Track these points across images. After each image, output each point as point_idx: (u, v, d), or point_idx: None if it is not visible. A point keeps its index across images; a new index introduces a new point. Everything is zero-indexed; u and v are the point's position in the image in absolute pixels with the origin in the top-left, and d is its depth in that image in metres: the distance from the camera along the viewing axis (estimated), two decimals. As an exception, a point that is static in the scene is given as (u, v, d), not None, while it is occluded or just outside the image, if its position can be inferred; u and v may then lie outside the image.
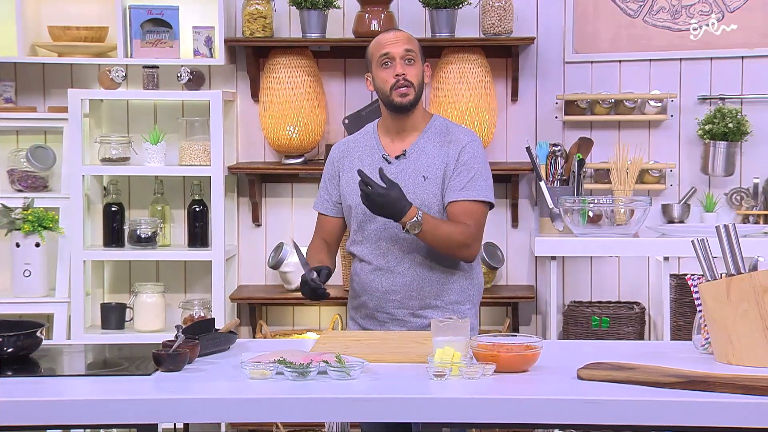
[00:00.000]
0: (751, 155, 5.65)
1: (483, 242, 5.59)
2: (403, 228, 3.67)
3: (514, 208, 5.67)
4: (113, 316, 5.53)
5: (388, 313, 3.82)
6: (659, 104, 5.64)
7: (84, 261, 5.46)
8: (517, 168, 5.56)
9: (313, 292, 3.66)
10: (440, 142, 3.83)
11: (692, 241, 3.37)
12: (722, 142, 5.51)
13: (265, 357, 3.22)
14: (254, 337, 5.52)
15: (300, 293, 3.84)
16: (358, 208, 3.81)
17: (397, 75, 3.76)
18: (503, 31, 5.50)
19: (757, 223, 5.55)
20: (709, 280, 3.31)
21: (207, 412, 2.99)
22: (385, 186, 3.62)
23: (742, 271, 3.27)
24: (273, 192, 5.78)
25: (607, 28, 5.66)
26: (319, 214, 3.99)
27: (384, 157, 3.83)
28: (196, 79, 5.49)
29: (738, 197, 5.64)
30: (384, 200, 3.62)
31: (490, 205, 3.86)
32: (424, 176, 3.78)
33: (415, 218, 3.64)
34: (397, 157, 3.82)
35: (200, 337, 3.40)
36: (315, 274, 3.66)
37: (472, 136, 3.88)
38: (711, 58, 5.65)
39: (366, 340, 3.61)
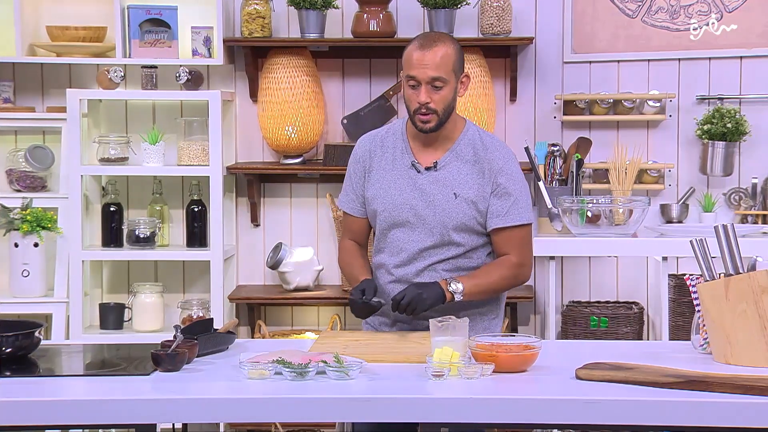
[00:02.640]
0: (749, 155, 5.65)
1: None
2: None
3: (513, 208, 5.66)
4: (112, 316, 5.53)
5: (407, 323, 3.75)
6: (658, 104, 5.64)
7: (82, 261, 5.46)
8: (516, 168, 5.55)
9: (368, 312, 3.63)
10: (474, 158, 3.73)
11: (691, 241, 3.37)
12: (721, 142, 5.51)
13: (263, 357, 3.22)
14: (253, 337, 5.52)
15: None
16: (383, 214, 3.75)
17: (419, 102, 3.64)
18: (502, 31, 5.51)
19: (755, 223, 5.55)
20: (707, 280, 3.31)
21: (205, 412, 2.99)
22: (406, 293, 3.55)
23: (741, 271, 3.27)
24: (271, 192, 5.78)
25: (605, 28, 5.66)
26: (345, 213, 3.91)
27: (414, 165, 3.74)
28: (195, 79, 5.49)
29: (736, 197, 5.64)
30: (417, 298, 3.55)
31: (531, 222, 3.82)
32: (455, 193, 3.70)
33: (452, 295, 3.60)
34: (427, 168, 3.73)
35: (199, 337, 3.40)
36: (361, 294, 3.61)
37: (508, 154, 3.76)
38: (709, 58, 5.65)
39: (364, 340, 3.61)
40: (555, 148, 5.50)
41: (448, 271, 3.73)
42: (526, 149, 5.38)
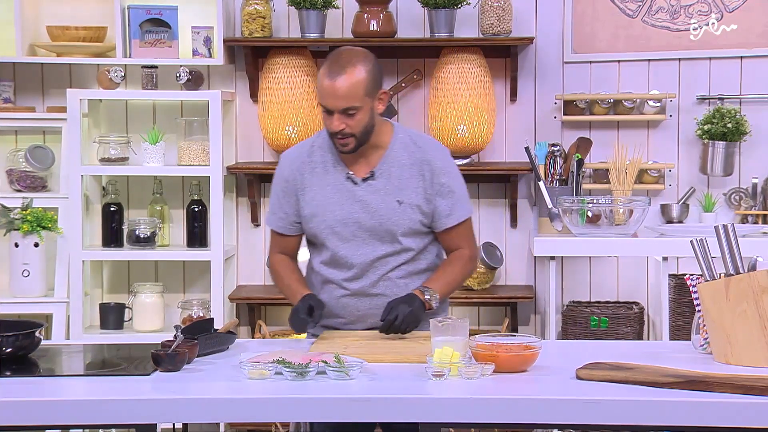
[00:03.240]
0: (749, 155, 5.65)
1: (482, 242, 5.63)
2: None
3: (513, 208, 5.67)
4: (112, 316, 5.53)
5: (362, 327, 3.74)
6: (658, 104, 5.64)
7: (83, 261, 5.46)
8: (516, 168, 5.55)
9: (303, 327, 3.62)
10: (410, 161, 3.69)
11: (691, 241, 3.37)
12: (721, 142, 5.51)
13: (263, 357, 3.23)
14: (253, 337, 5.52)
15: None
16: (326, 231, 3.69)
17: (333, 130, 3.57)
18: (502, 31, 5.50)
19: (755, 223, 5.55)
20: (707, 280, 3.31)
21: (206, 412, 3.00)
22: (398, 313, 3.55)
23: (741, 271, 3.27)
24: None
25: (605, 28, 5.66)
26: (274, 231, 3.83)
27: (350, 177, 3.69)
28: (195, 79, 5.49)
29: (737, 197, 5.64)
30: (411, 316, 3.56)
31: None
32: (398, 201, 3.67)
33: (431, 304, 3.63)
34: (364, 179, 3.68)
35: (199, 337, 3.40)
36: (309, 312, 3.59)
37: (443, 152, 3.77)
38: (710, 58, 5.65)
39: (365, 340, 3.60)
40: (555, 148, 5.50)
41: (401, 278, 3.72)
42: (527, 149, 5.38)
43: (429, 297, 3.63)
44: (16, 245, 5.43)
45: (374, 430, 3.56)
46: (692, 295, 3.40)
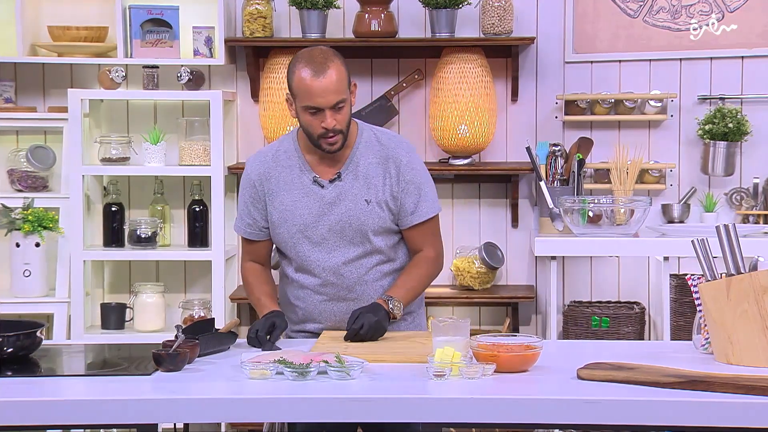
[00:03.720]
0: (751, 155, 5.65)
1: (483, 242, 5.63)
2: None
3: (514, 208, 5.67)
4: (113, 316, 5.53)
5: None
6: (659, 104, 5.64)
7: (84, 261, 5.46)
8: (517, 168, 5.56)
9: (258, 345, 3.53)
10: (376, 160, 3.67)
11: (692, 241, 3.37)
12: (722, 142, 5.51)
13: (264, 357, 3.23)
14: (254, 337, 5.51)
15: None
16: (296, 236, 3.68)
17: (325, 127, 3.55)
18: (503, 31, 5.50)
19: (757, 223, 5.55)
20: (709, 280, 3.31)
21: (207, 412, 2.99)
22: (363, 323, 3.51)
23: (742, 271, 3.27)
24: (273, 192, 5.78)
25: (607, 28, 5.66)
26: (244, 238, 3.83)
27: (316, 181, 3.67)
28: (196, 79, 5.49)
29: (738, 197, 5.64)
30: (376, 326, 3.53)
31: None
32: (366, 200, 3.65)
33: (395, 313, 3.59)
34: (331, 181, 3.66)
35: (200, 337, 3.40)
36: (268, 332, 3.52)
37: (408, 148, 3.73)
38: (711, 58, 5.65)
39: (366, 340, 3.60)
40: (556, 148, 5.50)
41: (377, 281, 3.71)
42: (528, 149, 5.38)
43: (392, 307, 3.62)
44: (18, 245, 5.44)
45: (356, 430, 3.56)
46: (693, 295, 3.40)
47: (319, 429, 3.24)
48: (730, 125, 5.48)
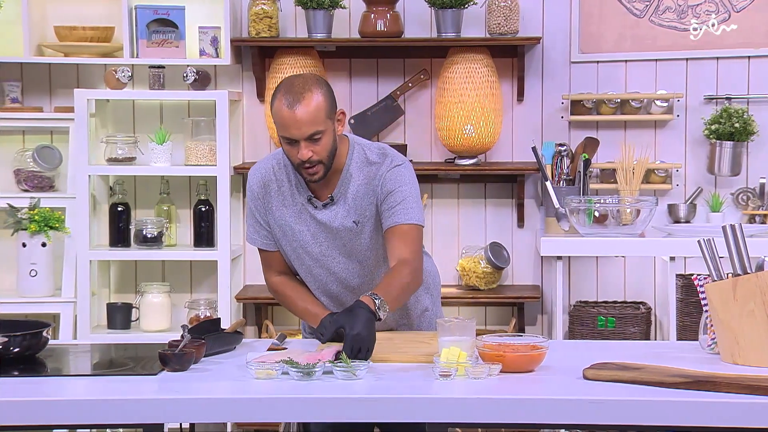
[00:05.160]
0: (757, 155, 5.64)
1: (489, 242, 5.63)
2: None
3: (520, 207, 5.67)
4: (119, 316, 5.53)
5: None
6: (665, 104, 5.63)
7: (90, 261, 5.47)
8: (523, 168, 5.55)
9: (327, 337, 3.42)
10: (365, 180, 3.60)
11: (698, 241, 3.36)
12: (728, 142, 5.51)
13: (270, 357, 3.23)
14: (260, 337, 5.52)
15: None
16: (296, 252, 3.67)
17: (300, 159, 3.46)
18: (509, 31, 5.50)
19: (763, 223, 5.54)
20: (715, 280, 3.31)
21: (213, 412, 3.00)
22: (353, 344, 3.27)
23: (749, 271, 3.27)
24: (279, 192, 5.78)
25: (612, 28, 5.66)
26: (261, 249, 3.77)
27: (311, 201, 3.62)
28: (202, 79, 5.49)
29: (744, 197, 5.64)
30: (365, 333, 3.27)
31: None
32: (355, 222, 3.61)
33: (381, 315, 3.37)
34: (324, 205, 3.61)
35: (206, 337, 3.41)
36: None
37: (393, 160, 3.61)
38: (717, 58, 5.64)
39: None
40: (562, 148, 5.50)
41: (374, 282, 3.63)
42: (534, 149, 5.38)
43: (379, 307, 3.37)
44: (24, 245, 5.44)
45: (373, 430, 3.55)
46: (699, 295, 3.39)
47: (333, 428, 3.22)
48: (737, 125, 5.47)
